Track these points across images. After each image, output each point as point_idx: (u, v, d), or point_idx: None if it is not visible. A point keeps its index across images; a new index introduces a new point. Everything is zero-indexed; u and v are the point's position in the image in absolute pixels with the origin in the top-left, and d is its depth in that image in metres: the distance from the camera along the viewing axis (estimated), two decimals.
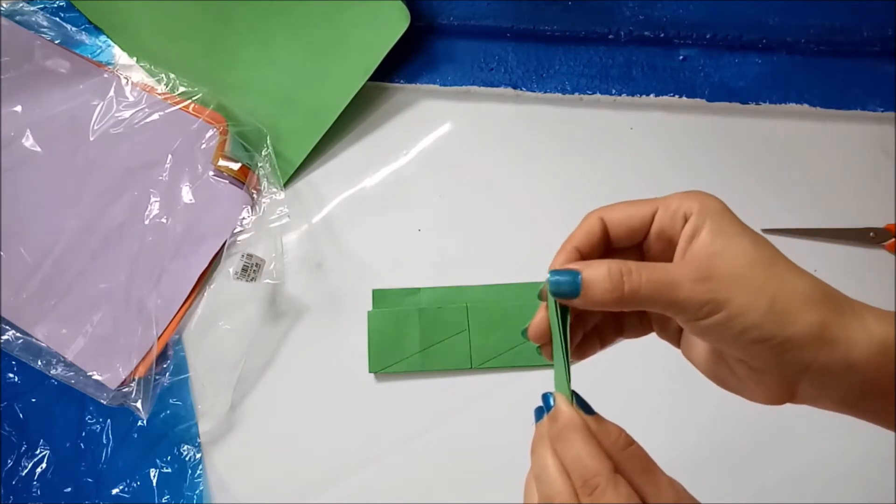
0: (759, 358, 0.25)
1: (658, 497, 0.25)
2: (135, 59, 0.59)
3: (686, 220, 0.27)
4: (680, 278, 0.25)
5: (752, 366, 0.26)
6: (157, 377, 0.52)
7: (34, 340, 0.52)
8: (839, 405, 0.26)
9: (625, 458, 0.25)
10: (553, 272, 0.26)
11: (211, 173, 0.54)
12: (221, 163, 0.54)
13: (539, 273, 0.53)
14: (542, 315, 0.29)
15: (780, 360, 0.25)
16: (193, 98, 0.56)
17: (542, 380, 0.51)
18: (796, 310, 0.24)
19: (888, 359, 0.24)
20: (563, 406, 0.27)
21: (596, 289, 0.25)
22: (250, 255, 0.51)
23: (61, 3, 0.60)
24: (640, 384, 0.51)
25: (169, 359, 0.53)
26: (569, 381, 0.28)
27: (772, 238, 0.31)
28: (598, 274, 0.25)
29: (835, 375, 0.25)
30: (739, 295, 0.24)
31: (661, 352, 0.51)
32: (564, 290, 0.26)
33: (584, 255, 0.28)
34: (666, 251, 0.28)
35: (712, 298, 0.25)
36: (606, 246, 0.29)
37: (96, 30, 0.60)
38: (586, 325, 0.31)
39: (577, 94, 0.57)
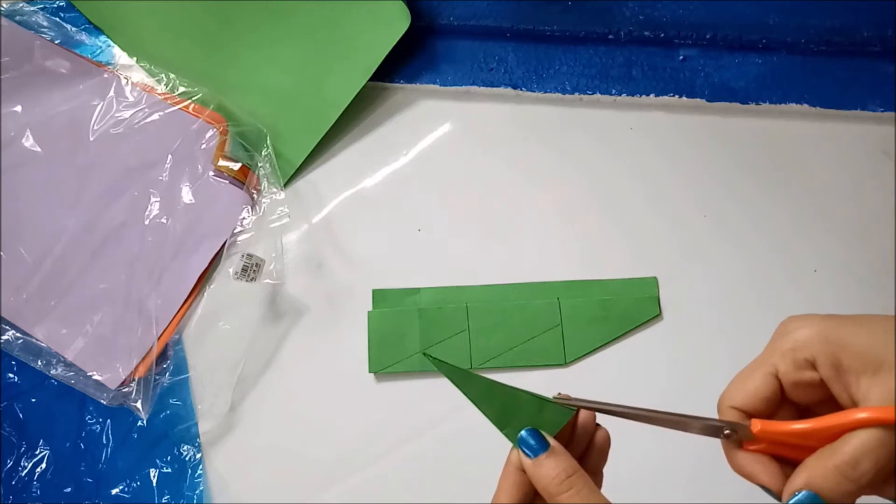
0: None
1: None
2: (135, 59, 0.59)
3: (811, 364, 0.26)
4: None
5: None
6: (157, 377, 0.52)
7: (34, 340, 0.52)
8: None
9: None
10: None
11: (211, 173, 0.54)
12: (221, 163, 0.54)
13: (538, 272, 0.53)
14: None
15: None
16: (193, 98, 0.56)
17: (542, 380, 0.51)
18: None
19: None
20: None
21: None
22: (250, 255, 0.51)
23: (61, 3, 0.60)
24: (642, 388, 0.51)
25: (169, 359, 0.53)
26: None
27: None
28: None
29: None
30: None
31: (663, 360, 0.51)
32: None
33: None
34: (811, 393, 0.27)
35: None
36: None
37: (96, 30, 0.60)
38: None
39: (577, 94, 0.57)
